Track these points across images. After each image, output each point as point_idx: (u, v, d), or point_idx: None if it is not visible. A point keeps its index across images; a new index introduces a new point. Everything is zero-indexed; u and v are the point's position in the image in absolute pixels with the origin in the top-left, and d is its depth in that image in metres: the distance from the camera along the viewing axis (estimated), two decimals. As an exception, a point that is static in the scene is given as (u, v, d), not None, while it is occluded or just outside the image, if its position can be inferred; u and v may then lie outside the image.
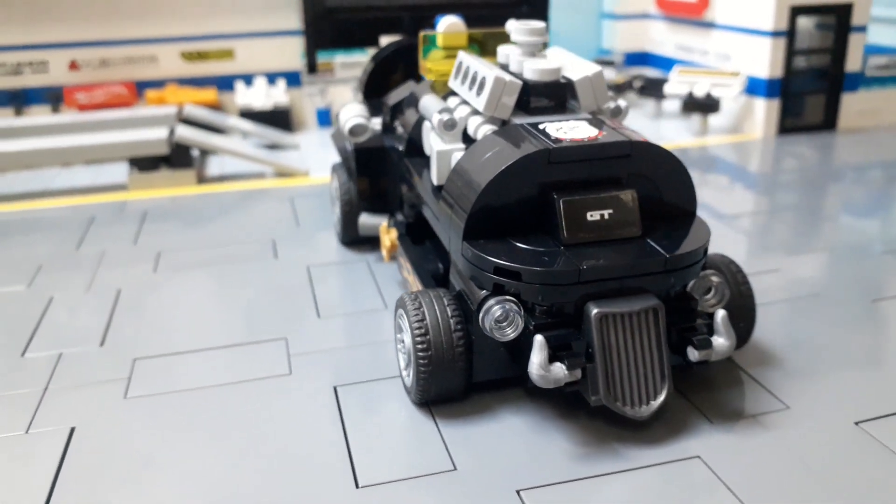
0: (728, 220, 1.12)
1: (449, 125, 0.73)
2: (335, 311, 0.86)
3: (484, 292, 0.62)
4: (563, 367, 0.59)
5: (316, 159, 1.45)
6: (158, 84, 1.70)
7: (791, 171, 1.37)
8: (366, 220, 0.97)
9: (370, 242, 1.03)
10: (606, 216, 0.64)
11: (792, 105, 1.53)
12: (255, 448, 0.63)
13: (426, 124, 0.79)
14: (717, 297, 0.65)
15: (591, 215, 0.63)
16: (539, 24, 0.74)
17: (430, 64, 0.87)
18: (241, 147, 1.37)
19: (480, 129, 0.71)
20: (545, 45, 0.87)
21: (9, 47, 1.63)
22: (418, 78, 0.94)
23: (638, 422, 0.63)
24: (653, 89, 1.69)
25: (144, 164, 1.31)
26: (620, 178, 0.66)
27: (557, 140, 0.64)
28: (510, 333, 0.61)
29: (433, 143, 0.74)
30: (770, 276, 0.92)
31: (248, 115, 1.63)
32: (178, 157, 1.32)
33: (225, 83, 1.75)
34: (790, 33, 1.45)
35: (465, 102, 0.77)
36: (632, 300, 0.61)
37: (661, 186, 0.67)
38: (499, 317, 0.60)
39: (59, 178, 1.40)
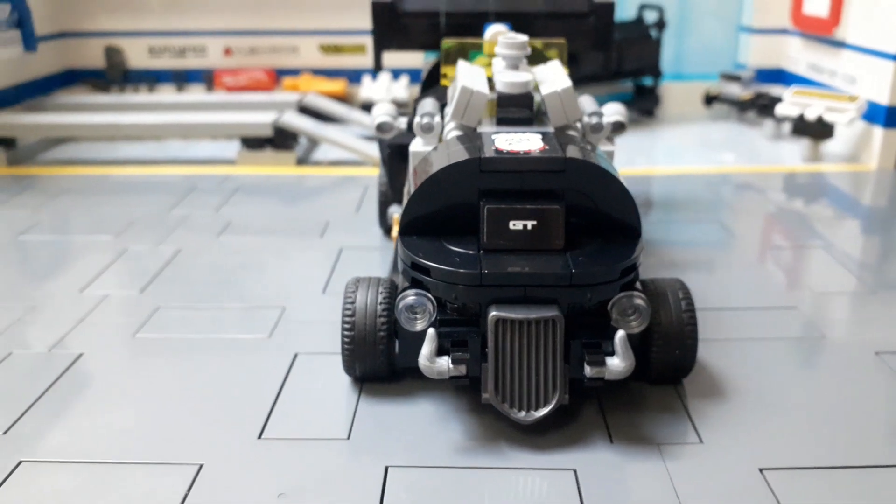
0: (798, 251, 1.06)
1: (427, 128, 0.79)
2: (339, 290, 0.94)
3: (407, 285, 0.68)
4: (448, 361, 0.63)
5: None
6: (295, 72, 1.88)
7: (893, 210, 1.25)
8: (393, 210, 1.04)
9: (405, 233, 1.10)
10: (529, 227, 0.66)
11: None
12: (202, 393, 0.73)
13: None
14: (639, 320, 0.66)
15: (514, 224, 0.66)
16: (521, 38, 0.77)
17: (446, 70, 0.92)
18: (332, 134, 1.49)
19: (449, 134, 0.76)
20: (548, 58, 0.89)
21: (176, 33, 1.88)
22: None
23: (531, 426, 0.65)
24: (774, 109, 1.60)
25: (252, 143, 1.47)
26: (556, 192, 0.68)
27: (497, 150, 0.68)
28: (419, 325, 0.66)
29: (412, 143, 0.80)
30: (785, 313, 0.88)
31: (368, 107, 1.75)
32: (280, 140, 1.46)
33: (355, 76, 1.89)
34: (918, 58, 1.32)
35: (454, 109, 0.82)
36: (533, 309, 0.63)
37: (601, 205, 0.69)
38: (412, 306, 0.65)
39: (192, 149, 1.61)
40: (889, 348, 0.80)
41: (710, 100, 1.79)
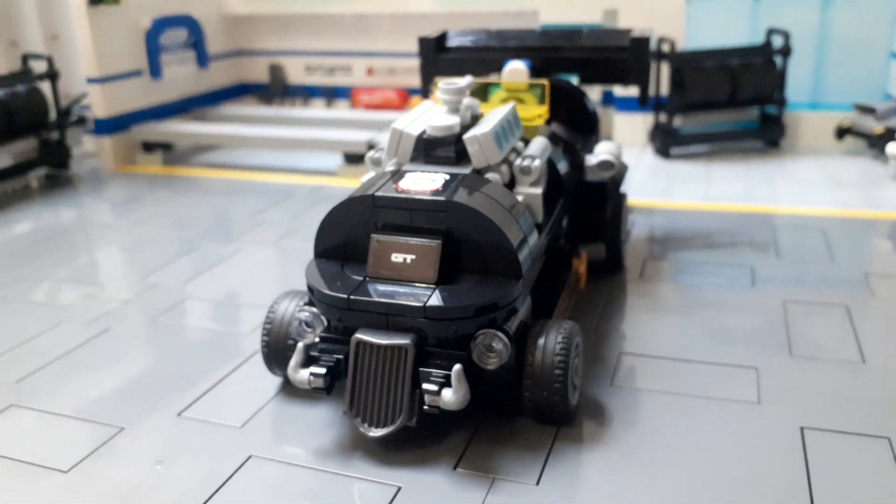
0: (822, 308, 0.98)
1: (376, 161, 0.87)
2: (334, 299, 1.05)
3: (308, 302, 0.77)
4: (309, 373, 0.71)
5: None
6: (423, 91, 2.01)
7: None
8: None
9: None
10: (408, 260, 0.73)
11: None
12: (160, 370, 0.88)
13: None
14: (496, 359, 0.69)
15: (396, 257, 0.73)
16: (459, 83, 0.83)
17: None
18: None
19: (386, 168, 0.84)
20: (521, 99, 0.93)
21: (328, 53, 2.10)
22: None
23: (389, 442, 0.72)
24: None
25: (352, 158, 1.62)
26: (442, 230, 0.73)
27: (393, 188, 0.75)
28: (307, 338, 0.75)
29: (364, 175, 0.88)
30: (741, 372, 0.84)
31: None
32: (374, 156, 1.60)
33: (479, 95, 1.98)
34: None
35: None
36: (390, 335, 0.70)
37: (483, 246, 0.73)
38: (304, 321, 0.75)
39: (312, 160, 1.80)
40: (819, 425, 0.74)
41: (841, 132, 1.64)
